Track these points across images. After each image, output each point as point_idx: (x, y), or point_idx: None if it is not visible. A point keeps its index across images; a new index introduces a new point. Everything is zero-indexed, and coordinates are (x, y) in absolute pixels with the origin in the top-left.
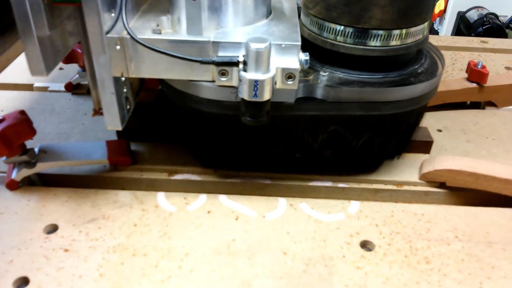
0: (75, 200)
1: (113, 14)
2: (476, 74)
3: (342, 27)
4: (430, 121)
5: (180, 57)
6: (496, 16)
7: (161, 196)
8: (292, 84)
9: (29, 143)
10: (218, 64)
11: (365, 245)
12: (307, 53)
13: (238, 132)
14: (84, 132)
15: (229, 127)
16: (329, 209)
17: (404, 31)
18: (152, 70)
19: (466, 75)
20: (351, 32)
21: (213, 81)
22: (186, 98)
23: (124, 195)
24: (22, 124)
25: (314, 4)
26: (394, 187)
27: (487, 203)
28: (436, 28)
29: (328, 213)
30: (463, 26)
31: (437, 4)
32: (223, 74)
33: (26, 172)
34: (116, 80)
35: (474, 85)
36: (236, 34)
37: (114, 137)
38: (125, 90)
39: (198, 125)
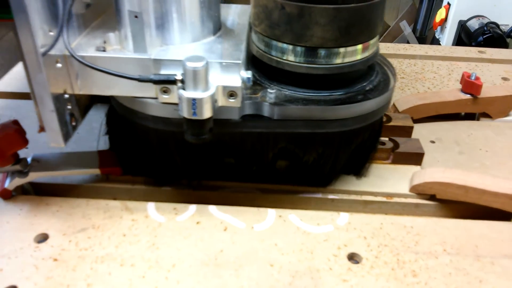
0: (66, 209)
1: (52, 33)
2: (469, 85)
3: (285, 45)
4: (423, 132)
5: (119, 75)
6: (497, 25)
7: (151, 206)
8: (234, 102)
9: (24, 152)
10: (156, 82)
11: (353, 257)
12: (250, 71)
13: (186, 148)
14: (79, 141)
15: (176, 144)
16: (318, 220)
17: (348, 49)
18: (96, 87)
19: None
20: (295, 50)
21: (157, 98)
22: (134, 115)
23: (114, 205)
24: (14, 134)
25: (259, 22)
26: (384, 199)
27: (477, 216)
28: (437, 37)
29: (317, 224)
30: (464, 35)
31: (438, 13)
32: (165, 91)
33: (18, 181)
34: (57, 97)
35: (468, 96)
36: (178, 52)
37: (107, 146)
38: (69, 107)
39: (147, 141)
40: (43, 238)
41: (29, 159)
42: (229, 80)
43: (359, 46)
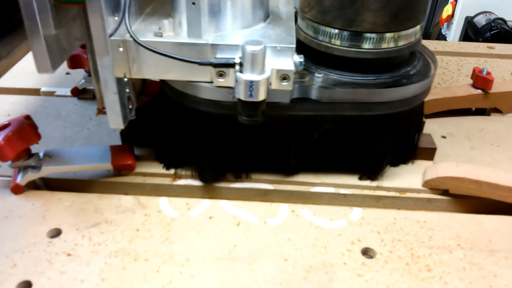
0: (78, 204)
1: (116, 18)
2: (481, 80)
3: (335, 30)
4: (435, 128)
5: (180, 59)
6: (504, 21)
7: (163, 201)
8: (287, 85)
9: (34, 148)
10: (215, 65)
11: (367, 252)
12: (302, 55)
13: (235, 132)
14: (89, 136)
15: (226, 127)
16: (331, 215)
17: (395, 34)
18: (153, 71)
19: (471, 81)
20: (344, 35)
21: (211, 82)
22: (185, 98)
23: (127, 200)
24: (27, 129)
25: (309, 8)
26: (397, 194)
27: (491, 211)
28: (444, 33)
29: (330, 219)
30: (471, 31)
31: (445, 9)
32: (220, 75)
33: (30, 176)
34: (119, 80)
35: (479, 91)
36: (233, 37)
37: (118, 141)
38: (127, 90)
39: (197, 125)
40: (56, 233)
41: (41, 154)
42: (282, 63)
43: (406, 32)
